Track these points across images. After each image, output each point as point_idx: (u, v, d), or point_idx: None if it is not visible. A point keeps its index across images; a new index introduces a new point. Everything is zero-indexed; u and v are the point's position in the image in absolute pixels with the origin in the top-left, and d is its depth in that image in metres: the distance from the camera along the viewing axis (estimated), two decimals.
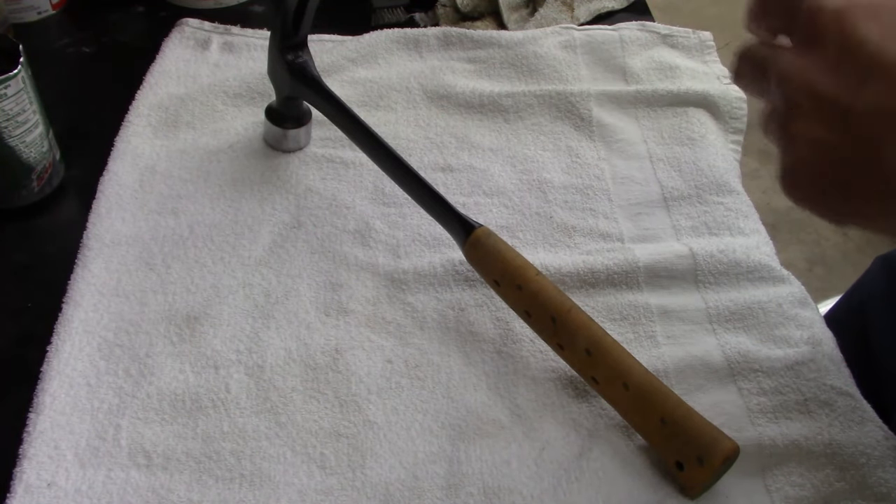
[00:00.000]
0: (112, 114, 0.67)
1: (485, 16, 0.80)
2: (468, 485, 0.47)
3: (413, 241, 0.60)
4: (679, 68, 0.74)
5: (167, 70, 0.71)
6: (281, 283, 0.56)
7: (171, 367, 0.51)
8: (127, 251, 0.57)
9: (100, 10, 0.80)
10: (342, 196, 0.63)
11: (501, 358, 0.53)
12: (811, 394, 0.51)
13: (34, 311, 0.55)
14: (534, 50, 0.74)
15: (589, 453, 0.48)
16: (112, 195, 0.61)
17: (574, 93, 0.70)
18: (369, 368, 0.52)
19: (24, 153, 0.58)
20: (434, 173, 0.65)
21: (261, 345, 0.53)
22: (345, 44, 0.75)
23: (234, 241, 0.59)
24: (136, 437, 0.48)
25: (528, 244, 0.60)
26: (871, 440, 0.49)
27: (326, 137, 0.67)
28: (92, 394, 0.50)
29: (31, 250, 0.59)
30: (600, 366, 0.49)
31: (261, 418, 0.49)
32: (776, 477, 0.48)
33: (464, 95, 0.70)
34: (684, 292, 0.58)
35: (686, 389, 0.52)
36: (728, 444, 0.45)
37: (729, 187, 0.64)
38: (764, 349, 0.54)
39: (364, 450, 0.48)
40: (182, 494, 0.46)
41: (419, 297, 0.56)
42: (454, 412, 0.50)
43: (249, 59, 0.74)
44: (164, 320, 0.54)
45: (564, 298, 0.51)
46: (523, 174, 0.65)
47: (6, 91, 0.54)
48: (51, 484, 0.45)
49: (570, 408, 0.51)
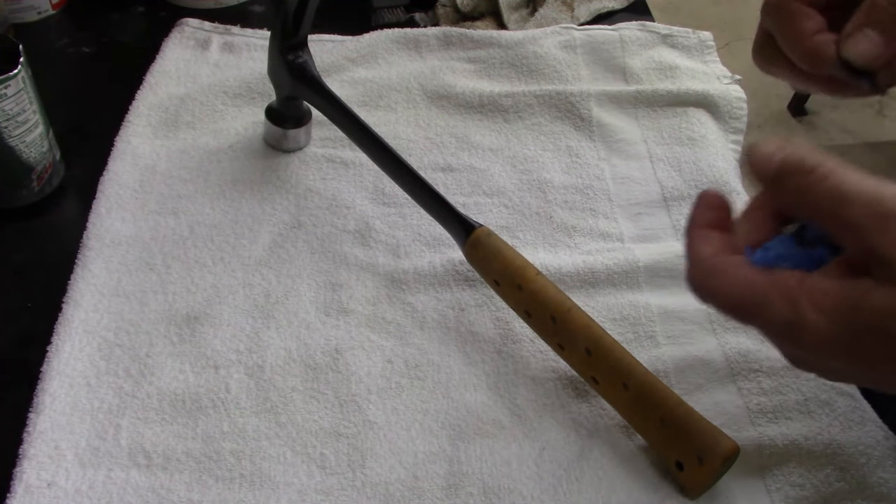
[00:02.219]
0: (112, 114, 0.67)
1: (485, 16, 0.80)
2: (468, 485, 0.47)
3: (413, 241, 0.60)
4: (679, 68, 0.74)
5: (167, 70, 0.71)
6: (281, 283, 0.56)
7: (171, 367, 0.51)
8: (127, 251, 0.57)
9: (100, 10, 0.80)
10: (342, 196, 0.63)
11: (501, 358, 0.53)
12: (811, 394, 0.51)
13: (34, 311, 0.55)
14: (534, 50, 0.74)
15: (589, 453, 0.48)
16: (112, 195, 0.61)
17: (574, 93, 0.70)
18: (369, 368, 0.52)
19: (24, 153, 0.58)
20: (434, 173, 0.65)
21: (261, 345, 0.53)
22: (345, 44, 0.75)
23: (234, 241, 0.59)
24: (136, 437, 0.48)
25: (528, 244, 0.60)
26: (872, 440, 0.49)
27: (326, 137, 0.67)
28: (92, 394, 0.50)
29: (31, 250, 0.59)
30: (600, 366, 0.49)
31: (261, 418, 0.49)
32: (776, 477, 0.48)
33: (464, 95, 0.70)
34: (684, 292, 0.57)
35: (686, 389, 0.52)
36: (728, 444, 0.45)
37: (729, 187, 0.64)
38: (764, 349, 0.54)
39: (364, 450, 0.48)
40: (182, 494, 0.46)
41: (419, 297, 0.56)
42: (454, 412, 0.50)
43: (249, 59, 0.74)
44: (164, 320, 0.54)
45: (564, 298, 0.51)
46: (523, 174, 0.65)
47: (6, 91, 0.54)
48: (51, 484, 0.45)
49: (570, 408, 0.51)
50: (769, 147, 0.35)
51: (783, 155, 0.34)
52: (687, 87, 0.72)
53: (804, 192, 0.33)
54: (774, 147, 0.34)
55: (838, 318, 0.32)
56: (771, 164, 0.34)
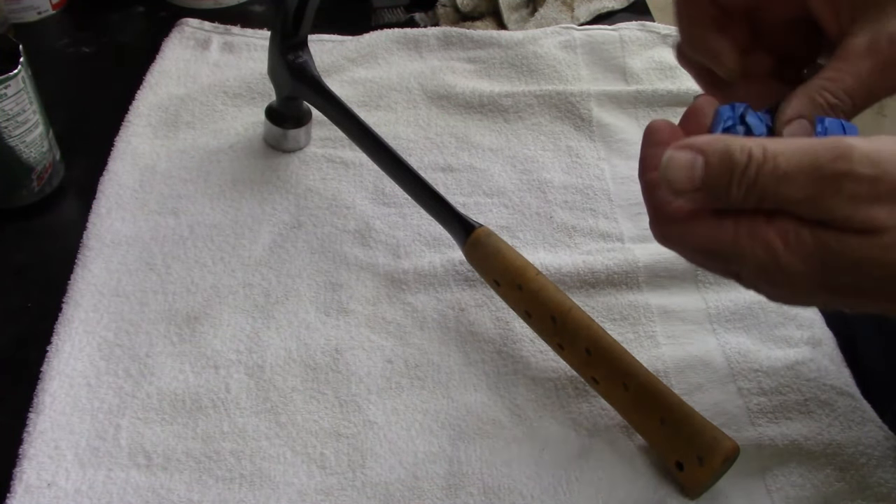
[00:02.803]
0: (112, 114, 0.67)
1: (485, 16, 0.80)
2: (468, 485, 0.47)
3: (413, 241, 0.60)
4: (679, 68, 0.73)
5: (167, 70, 0.71)
6: (281, 283, 0.56)
7: (171, 367, 0.51)
8: (127, 251, 0.57)
9: (100, 10, 0.80)
10: (342, 196, 0.63)
11: (501, 358, 0.53)
12: (811, 394, 0.51)
13: (34, 311, 0.55)
14: (534, 50, 0.74)
15: (589, 453, 0.48)
16: (112, 195, 0.61)
17: (574, 93, 0.70)
18: (369, 368, 0.52)
19: (24, 153, 0.58)
20: (434, 173, 0.65)
21: (261, 345, 0.53)
22: (345, 44, 0.75)
23: (234, 241, 0.59)
24: (136, 437, 0.48)
25: (528, 244, 0.60)
26: (872, 440, 0.49)
27: (326, 137, 0.67)
28: (92, 394, 0.50)
29: (31, 250, 0.59)
30: (600, 366, 0.49)
31: (261, 418, 0.49)
32: (776, 477, 0.48)
33: (464, 95, 0.70)
34: (684, 292, 0.58)
35: (686, 389, 0.52)
36: (728, 444, 0.45)
37: None
38: (764, 349, 0.54)
39: (364, 450, 0.48)
40: (182, 494, 0.46)
41: (419, 297, 0.56)
42: (454, 412, 0.50)
43: (249, 59, 0.74)
44: (164, 320, 0.54)
45: (564, 298, 0.51)
46: (523, 174, 0.65)
47: (6, 91, 0.54)
48: (51, 484, 0.45)
49: (570, 408, 0.51)
50: (681, 156, 0.33)
51: (704, 160, 0.33)
52: (687, 86, 0.72)
53: (749, 190, 0.32)
54: (688, 155, 0.33)
55: (814, 262, 0.32)
56: (694, 177, 0.33)
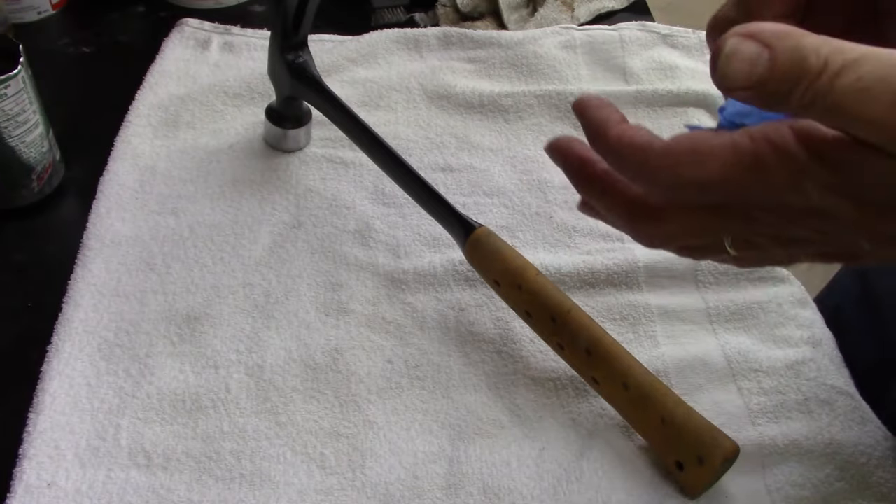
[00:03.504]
0: (112, 114, 0.67)
1: (485, 16, 0.80)
2: (468, 485, 0.47)
3: (413, 241, 0.60)
4: (679, 68, 0.74)
5: (167, 70, 0.71)
6: (281, 283, 0.56)
7: (171, 367, 0.51)
8: (127, 251, 0.57)
9: (100, 10, 0.80)
10: (342, 196, 0.63)
11: (501, 358, 0.53)
12: (811, 393, 0.51)
13: (34, 311, 0.55)
14: (534, 50, 0.74)
15: (589, 453, 0.48)
16: (112, 195, 0.61)
17: (574, 93, 0.70)
18: (369, 368, 0.52)
19: (24, 153, 0.58)
20: (434, 173, 0.65)
21: (261, 345, 0.53)
22: (345, 44, 0.75)
23: (234, 241, 0.59)
24: (136, 437, 0.48)
25: (528, 244, 0.60)
26: (872, 440, 0.49)
27: (326, 137, 0.67)
28: (92, 394, 0.50)
29: (31, 250, 0.59)
30: (600, 366, 0.49)
31: (261, 418, 0.49)
32: (776, 477, 0.48)
33: (464, 95, 0.70)
34: (684, 292, 0.58)
35: (686, 389, 0.52)
36: (728, 444, 0.45)
37: None
38: (764, 349, 0.54)
39: (364, 450, 0.48)
40: (182, 494, 0.46)
41: (419, 297, 0.56)
42: (454, 412, 0.50)
43: (249, 59, 0.74)
44: (164, 320, 0.54)
45: (564, 298, 0.51)
46: (523, 174, 0.65)
47: (6, 91, 0.54)
48: (51, 484, 0.45)
49: (570, 408, 0.51)
50: (748, 49, 0.27)
51: (770, 55, 0.27)
52: (687, 87, 0.72)
53: (813, 100, 0.27)
54: (755, 48, 0.27)
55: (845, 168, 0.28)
56: (752, 74, 0.27)
